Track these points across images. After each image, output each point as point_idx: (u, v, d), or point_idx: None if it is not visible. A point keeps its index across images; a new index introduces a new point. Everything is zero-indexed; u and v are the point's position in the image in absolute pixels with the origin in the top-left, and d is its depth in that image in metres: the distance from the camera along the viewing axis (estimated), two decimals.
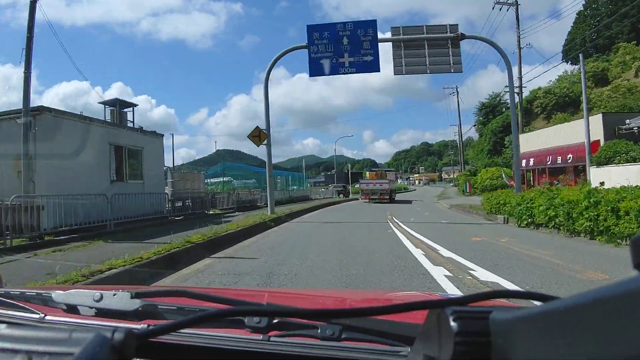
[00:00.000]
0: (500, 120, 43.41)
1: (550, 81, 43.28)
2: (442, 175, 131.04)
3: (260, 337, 0.79)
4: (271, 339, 0.78)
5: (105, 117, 14.13)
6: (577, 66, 38.62)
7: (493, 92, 53.06)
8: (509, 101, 46.38)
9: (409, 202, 28.94)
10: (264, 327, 0.79)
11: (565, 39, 47.61)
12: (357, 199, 30.45)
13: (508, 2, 32.51)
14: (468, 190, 34.58)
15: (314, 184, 65.22)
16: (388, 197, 27.02)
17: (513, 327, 0.42)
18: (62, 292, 0.93)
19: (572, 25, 47.44)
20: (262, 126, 14.65)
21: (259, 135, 14.40)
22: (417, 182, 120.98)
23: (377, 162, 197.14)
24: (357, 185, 42.84)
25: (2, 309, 0.93)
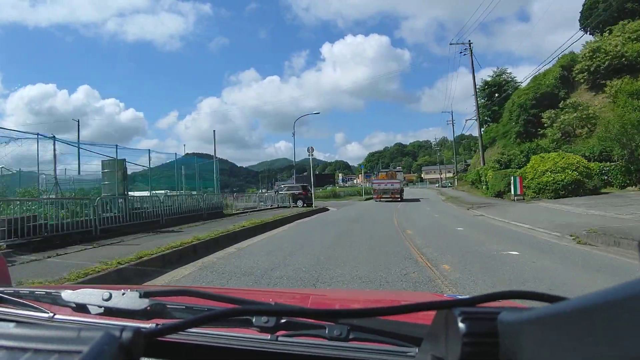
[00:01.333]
0: (531, 91, 32.02)
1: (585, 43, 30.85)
2: (422, 175, 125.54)
3: (268, 336, 0.79)
4: (279, 338, 0.78)
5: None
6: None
7: (498, 68, 44.80)
8: (517, 78, 40.86)
9: (417, 200, 31.25)
10: (271, 326, 0.79)
11: (583, 4, 35.13)
12: (327, 209, 22.58)
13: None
14: (519, 192, 20.71)
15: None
16: (399, 195, 29.30)
17: (521, 329, 0.42)
18: (71, 291, 0.94)
19: None
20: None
21: None
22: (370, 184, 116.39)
23: (350, 164, 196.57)
24: (328, 187, 43.02)
25: (12, 308, 0.94)
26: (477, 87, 44.23)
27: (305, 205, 25.10)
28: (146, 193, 14.93)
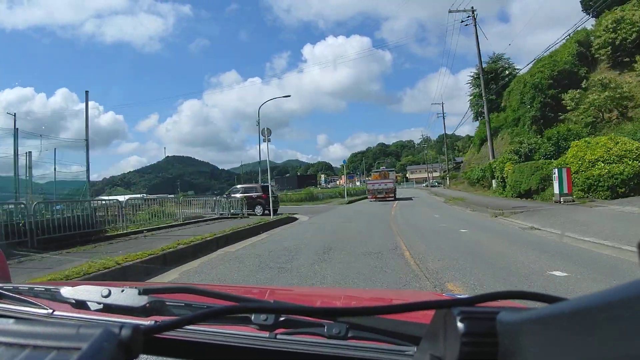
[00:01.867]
0: (546, 69, 25.63)
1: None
2: (407, 175, 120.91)
3: (267, 334, 0.79)
4: (278, 336, 0.78)
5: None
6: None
7: (494, 54, 39.17)
8: (516, 65, 34.05)
9: (408, 198, 31.94)
10: (270, 324, 0.79)
11: None
12: (294, 219, 16.99)
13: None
14: (567, 190, 14.61)
15: None
16: (392, 195, 30.23)
17: (520, 329, 0.42)
18: (70, 287, 0.94)
19: None
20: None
21: None
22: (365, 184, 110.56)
23: (332, 165, 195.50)
24: (311, 188, 40.32)
25: (11, 304, 0.94)
26: (470, 75, 40.52)
27: (266, 212, 18.99)
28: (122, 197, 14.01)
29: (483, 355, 0.44)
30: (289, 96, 33.72)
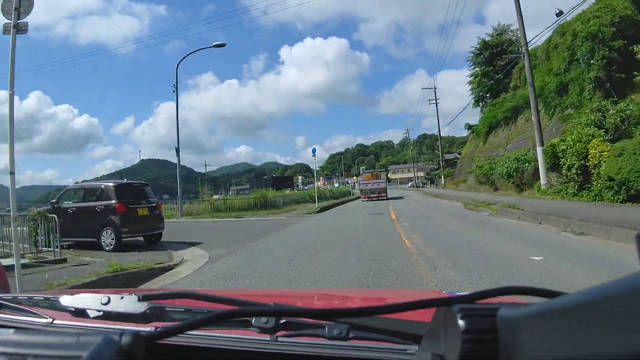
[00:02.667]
0: (606, 14, 18.49)
1: None
2: (390, 175, 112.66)
3: (268, 337, 0.79)
4: (279, 339, 0.79)
5: None
6: None
7: (499, 25, 33.34)
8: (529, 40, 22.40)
9: (400, 197, 30.29)
10: (271, 327, 0.79)
11: None
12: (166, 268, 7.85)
13: None
14: None
15: (237, 192, 50.67)
16: (384, 194, 31.20)
17: (520, 324, 0.42)
18: (69, 296, 0.94)
19: None
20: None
21: None
22: (356, 184, 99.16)
23: (311, 167, 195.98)
24: (287, 191, 34.81)
25: (11, 314, 0.94)
26: (470, 51, 34.13)
27: (123, 246, 9.32)
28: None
29: (484, 352, 0.44)
30: (223, 45, 25.11)
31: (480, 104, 35.55)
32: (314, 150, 25.17)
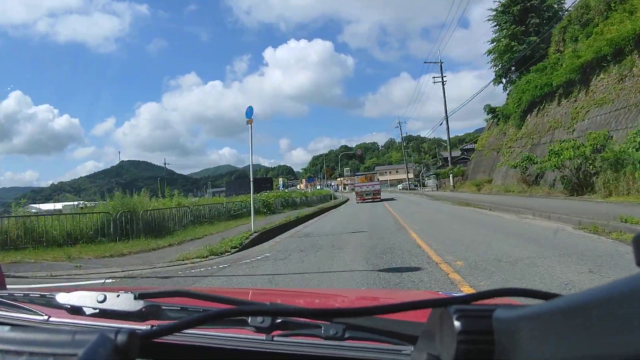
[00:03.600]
0: None
1: None
2: (377, 176, 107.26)
3: (264, 336, 0.79)
4: (274, 338, 0.79)
5: None
6: None
7: None
8: None
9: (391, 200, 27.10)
10: (267, 326, 0.80)
11: None
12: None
13: None
14: None
15: (214, 194, 45.76)
16: (379, 196, 31.59)
17: (516, 326, 0.42)
18: (66, 293, 0.93)
19: None
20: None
21: None
22: (340, 187, 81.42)
23: (295, 169, 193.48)
24: (264, 193, 23.34)
25: (7, 311, 0.94)
26: (493, 8, 26.48)
27: None
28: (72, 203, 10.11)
29: (480, 353, 0.44)
30: None
31: (505, 78, 27.47)
32: (248, 113, 15.85)
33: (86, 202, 12.92)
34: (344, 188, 74.98)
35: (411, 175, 76.06)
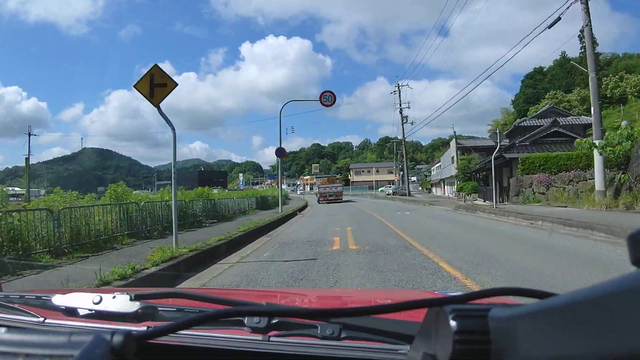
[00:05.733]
0: None
1: None
2: (352, 177, 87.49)
3: (260, 337, 0.79)
4: (271, 339, 0.79)
5: None
6: None
7: None
8: None
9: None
10: (263, 327, 0.80)
11: None
12: None
13: None
14: None
15: (159, 188, 37.84)
16: (340, 197, 35.26)
17: (512, 325, 0.42)
18: (61, 295, 0.93)
19: None
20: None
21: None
22: (305, 187, 75.13)
23: (263, 167, 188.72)
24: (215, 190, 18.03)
25: (2, 313, 0.94)
26: None
27: None
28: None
29: (476, 352, 0.44)
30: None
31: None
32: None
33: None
34: (310, 188, 69.18)
35: (394, 177, 66.41)
